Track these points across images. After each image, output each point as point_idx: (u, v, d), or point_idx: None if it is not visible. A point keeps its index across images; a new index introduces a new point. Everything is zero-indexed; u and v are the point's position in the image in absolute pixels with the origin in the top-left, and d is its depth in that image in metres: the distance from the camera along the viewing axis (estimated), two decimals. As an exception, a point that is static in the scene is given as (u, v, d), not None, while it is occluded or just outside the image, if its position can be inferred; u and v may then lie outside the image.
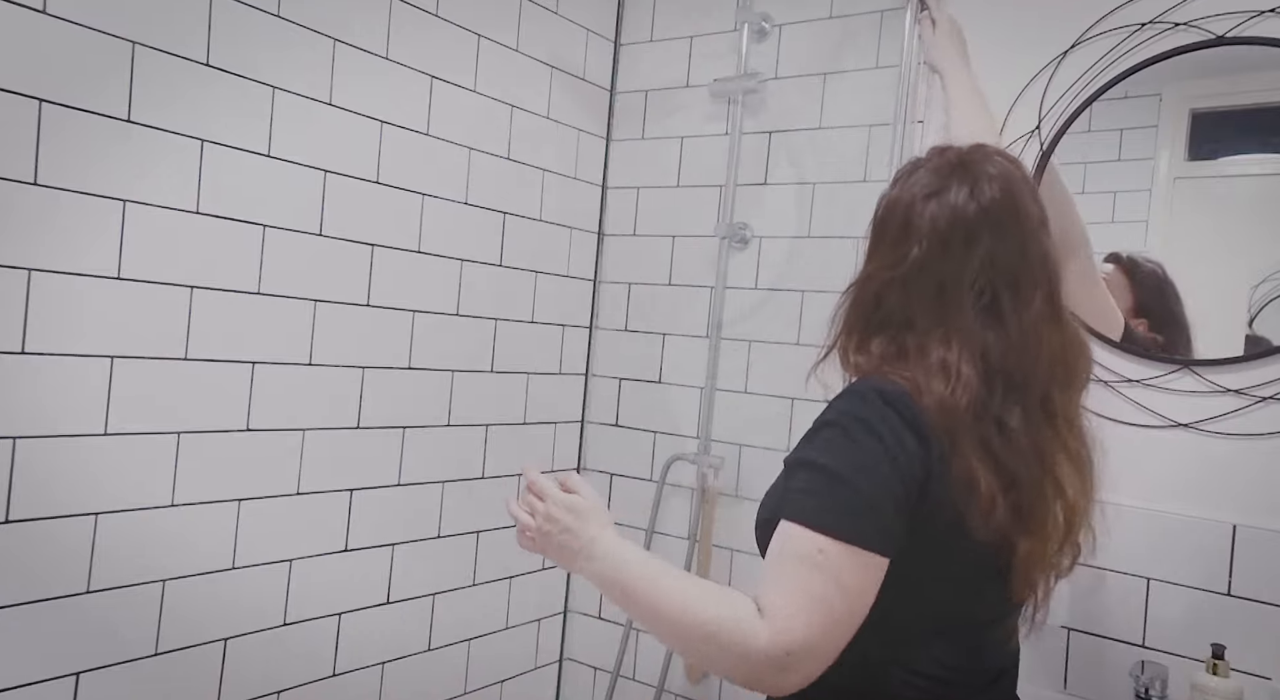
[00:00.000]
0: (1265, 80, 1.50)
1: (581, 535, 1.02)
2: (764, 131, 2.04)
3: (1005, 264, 0.95)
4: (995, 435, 0.92)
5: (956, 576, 0.97)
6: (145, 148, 1.40)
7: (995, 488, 0.91)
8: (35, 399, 1.31)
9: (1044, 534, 0.95)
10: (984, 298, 0.95)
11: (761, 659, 0.85)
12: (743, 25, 2.02)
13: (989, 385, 0.93)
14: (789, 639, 0.84)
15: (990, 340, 0.94)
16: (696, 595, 0.91)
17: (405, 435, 1.83)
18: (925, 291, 0.96)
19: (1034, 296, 0.96)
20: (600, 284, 2.29)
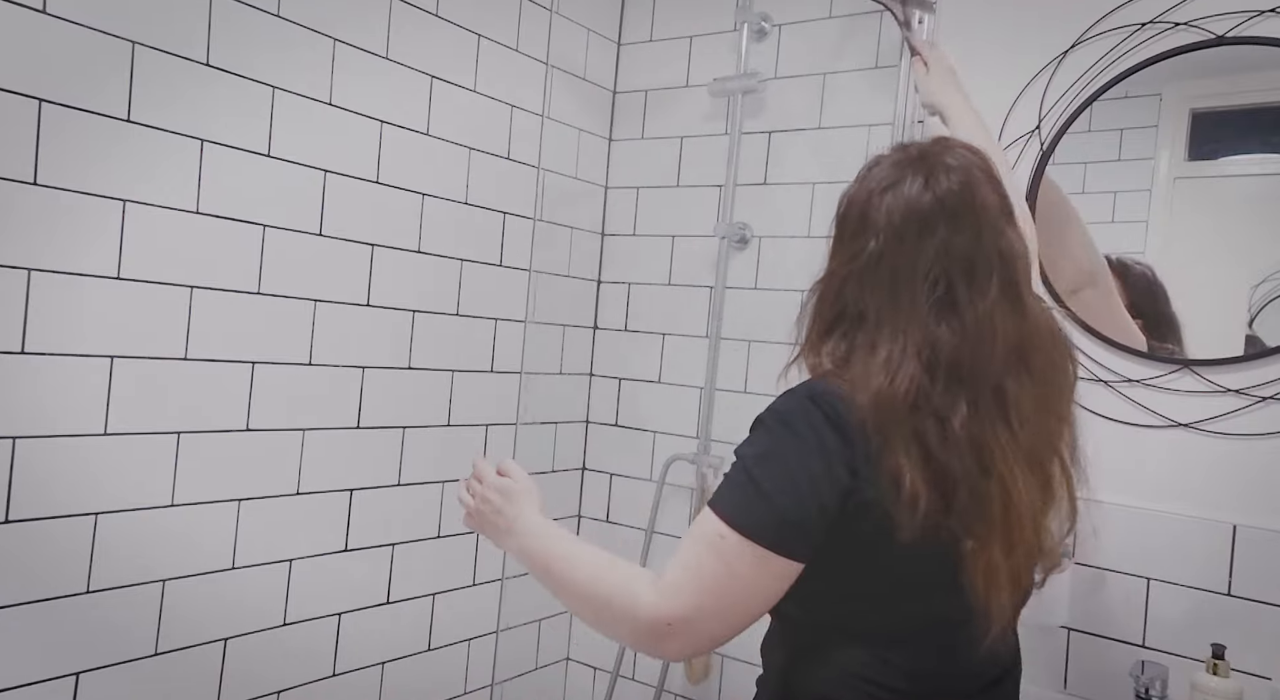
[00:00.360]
0: (1265, 80, 1.50)
1: (508, 514, 1.10)
2: (764, 131, 2.04)
3: (960, 253, 0.94)
4: (932, 430, 0.90)
5: (898, 580, 0.94)
6: (145, 148, 1.40)
7: (921, 485, 0.88)
8: (35, 399, 1.31)
9: (988, 535, 0.91)
10: (939, 289, 0.93)
11: (645, 625, 0.92)
12: (742, 25, 2.02)
13: (932, 377, 0.91)
14: (670, 609, 0.90)
15: (942, 333, 0.92)
16: (602, 566, 0.98)
17: (405, 435, 1.83)
18: (880, 284, 0.95)
19: (989, 285, 0.94)
20: (600, 284, 2.29)
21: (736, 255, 2.06)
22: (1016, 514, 0.91)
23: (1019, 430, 0.92)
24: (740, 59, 2.02)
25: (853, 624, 0.97)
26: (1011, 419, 0.92)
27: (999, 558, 0.91)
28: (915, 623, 0.96)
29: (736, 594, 0.91)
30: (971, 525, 0.90)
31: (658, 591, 0.92)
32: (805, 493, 0.90)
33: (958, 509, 0.90)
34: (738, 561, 0.90)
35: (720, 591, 0.90)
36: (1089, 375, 1.63)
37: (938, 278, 0.93)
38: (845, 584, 0.95)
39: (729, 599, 0.91)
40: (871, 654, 0.96)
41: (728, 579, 0.90)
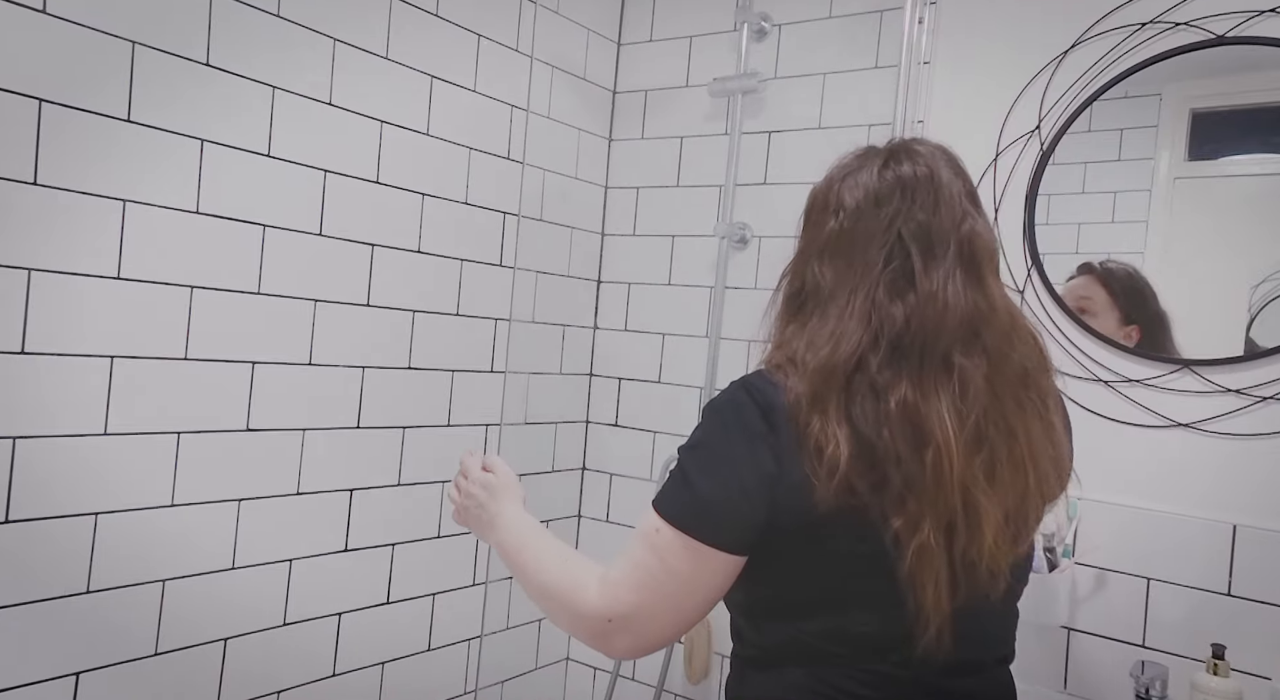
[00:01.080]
0: (1265, 80, 1.50)
1: (489, 508, 1.13)
2: (763, 131, 2.04)
3: (918, 225, 0.93)
4: (867, 402, 0.88)
5: (837, 577, 0.92)
6: (145, 148, 1.40)
7: (844, 452, 0.86)
8: (35, 399, 1.31)
9: (919, 511, 0.86)
10: (894, 260, 0.92)
11: (588, 621, 0.94)
12: (742, 25, 2.02)
13: (876, 346, 0.89)
14: (611, 606, 0.92)
15: (894, 305, 0.91)
16: (558, 561, 1.01)
17: (405, 435, 1.83)
18: (838, 257, 0.95)
19: (946, 258, 0.92)
20: (600, 284, 2.29)
21: (736, 255, 2.06)
22: (948, 487, 0.86)
23: (965, 405, 0.89)
24: (740, 59, 2.02)
25: (797, 632, 0.94)
26: (957, 393, 0.89)
27: (930, 538, 0.87)
28: (863, 627, 0.92)
29: (674, 589, 0.91)
30: (903, 502, 0.87)
31: (600, 589, 0.94)
32: (729, 481, 0.90)
33: (890, 489, 0.87)
34: (672, 555, 0.91)
35: (657, 587, 0.91)
36: (1089, 375, 1.63)
37: (894, 248, 0.93)
38: (785, 586, 0.93)
39: (667, 594, 0.91)
40: (814, 668, 0.93)
41: (664, 574, 0.91)
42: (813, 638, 0.92)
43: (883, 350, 0.90)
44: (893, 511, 0.87)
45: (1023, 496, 0.92)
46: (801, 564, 0.92)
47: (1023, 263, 1.70)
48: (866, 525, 0.88)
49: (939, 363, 0.90)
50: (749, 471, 0.89)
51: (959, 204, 0.95)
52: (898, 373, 0.89)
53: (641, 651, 0.95)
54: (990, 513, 0.89)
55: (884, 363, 0.89)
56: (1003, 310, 0.95)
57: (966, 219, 0.95)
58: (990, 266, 0.96)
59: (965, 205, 0.96)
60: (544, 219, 2.11)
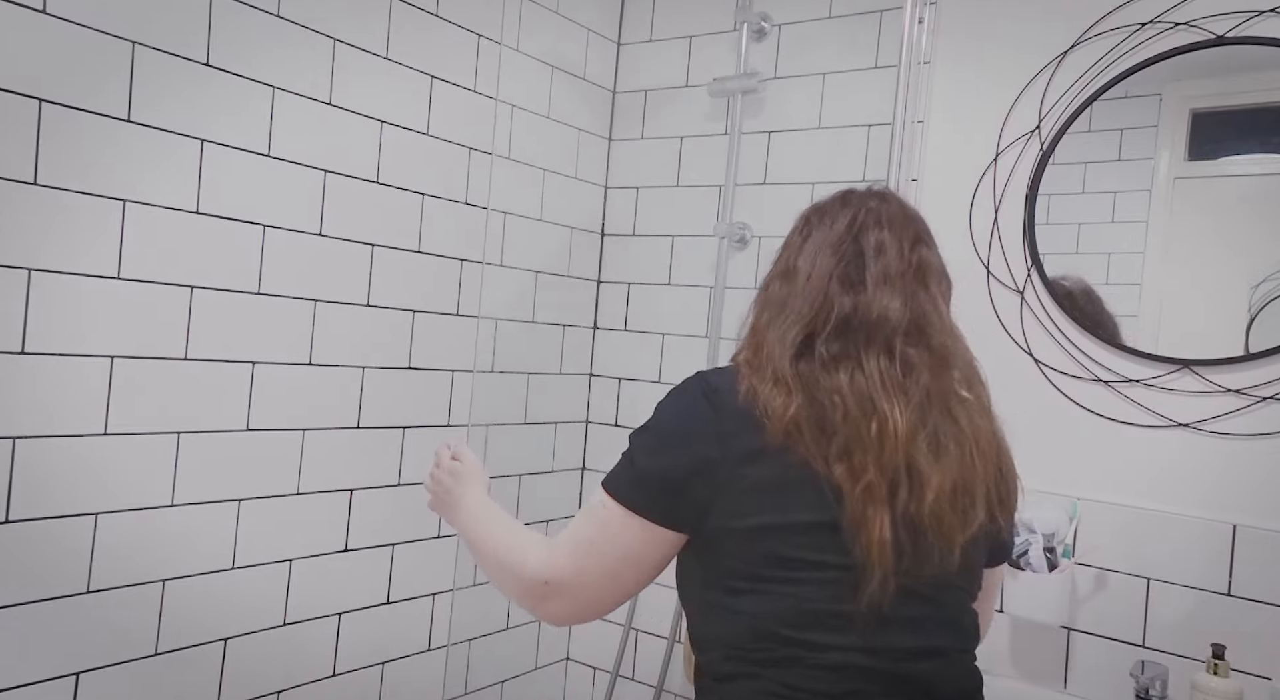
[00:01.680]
0: (1265, 80, 1.50)
1: (454, 493, 1.20)
2: (763, 131, 2.04)
3: (873, 238, 1.02)
4: (815, 368, 0.96)
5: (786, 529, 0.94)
6: (145, 148, 1.40)
7: (795, 402, 0.93)
8: (35, 399, 1.31)
9: (860, 463, 0.92)
10: (849, 258, 1.02)
11: (527, 582, 1.01)
12: (742, 25, 2.02)
13: (825, 324, 0.98)
14: (550, 569, 0.99)
15: (845, 297, 1.00)
16: (508, 530, 1.08)
17: (405, 435, 1.83)
18: (801, 261, 1.05)
19: (897, 263, 1.01)
20: (600, 284, 2.29)
21: (736, 255, 2.06)
22: (891, 450, 0.92)
23: (908, 385, 0.96)
24: (740, 59, 2.02)
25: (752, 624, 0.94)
26: (899, 374, 0.96)
27: (877, 486, 0.91)
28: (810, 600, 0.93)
29: (610, 557, 0.98)
30: (848, 454, 0.93)
31: (542, 554, 1.01)
32: (671, 461, 0.97)
33: (835, 442, 0.93)
34: (611, 525, 0.98)
35: (595, 554, 0.98)
36: (1089, 375, 1.63)
37: (849, 249, 1.02)
38: (733, 563, 0.96)
39: (604, 561, 0.98)
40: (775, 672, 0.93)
41: (602, 542, 0.98)
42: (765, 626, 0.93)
43: (831, 327, 0.98)
44: (835, 460, 0.93)
45: (969, 477, 0.96)
46: (746, 533, 0.95)
47: (1023, 263, 1.70)
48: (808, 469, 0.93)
49: (882, 346, 0.97)
50: (689, 453, 0.96)
51: (914, 230, 1.06)
52: (845, 348, 0.97)
53: (573, 618, 1.02)
54: (932, 477, 0.93)
55: (831, 337, 0.98)
56: (951, 330, 1.03)
57: (919, 245, 1.05)
58: (940, 289, 1.05)
59: (921, 233, 1.07)
60: (544, 219, 2.11)
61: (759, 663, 0.94)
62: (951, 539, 0.94)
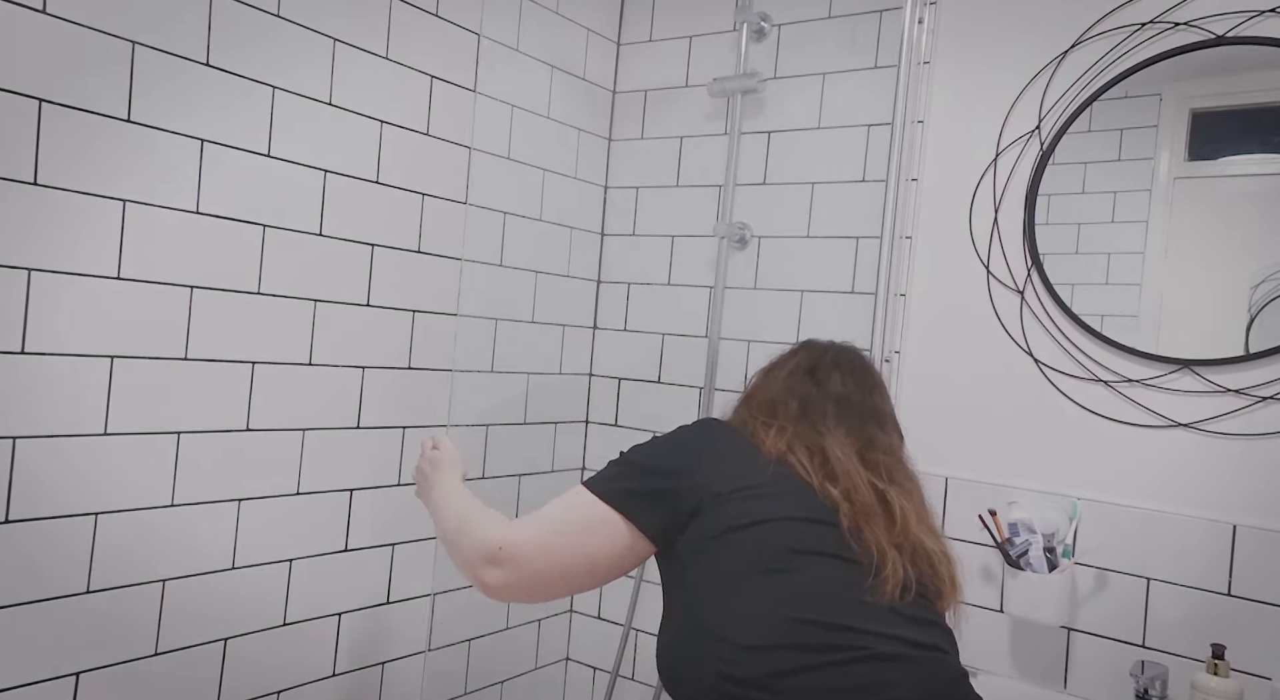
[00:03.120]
0: (1265, 80, 1.50)
1: (431, 478, 1.28)
2: (763, 131, 2.04)
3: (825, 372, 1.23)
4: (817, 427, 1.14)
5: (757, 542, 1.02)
6: (145, 148, 1.40)
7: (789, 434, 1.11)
8: (35, 399, 1.31)
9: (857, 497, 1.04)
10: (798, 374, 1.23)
11: (479, 544, 1.04)
12: (742, 25, 2.02)
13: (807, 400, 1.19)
14: (507, 535, 1.03)
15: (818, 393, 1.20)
16: (475, 506, 1.15)
17: (405, 435, 1.83)
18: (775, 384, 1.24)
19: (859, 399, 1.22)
20: (600, 284, 2.29)
21: (736, 255, 2.06)
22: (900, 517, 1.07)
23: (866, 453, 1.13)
24: (740, 59, 2.02)
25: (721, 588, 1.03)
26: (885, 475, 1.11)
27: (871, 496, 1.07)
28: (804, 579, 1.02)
29: (570, 539, 1.03)
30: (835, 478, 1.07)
31: (503, 523, 1.06)
32: (662, 462, 1.06)
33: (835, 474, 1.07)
34: (578, 508, 1.04)
35: (558, 531, 1.03)
36: (1089, 375, 1.63)
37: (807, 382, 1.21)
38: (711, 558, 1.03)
39: (562, 541, 1.03)
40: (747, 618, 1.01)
41: (564, 523, 1.04)
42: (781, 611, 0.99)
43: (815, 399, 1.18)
44: (827, 481, 1.05)
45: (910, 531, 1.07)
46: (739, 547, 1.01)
47: (1023, 263, 1.70)
48: (801, 480, 1.05)
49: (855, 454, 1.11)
50: (686, 459, 1.07)
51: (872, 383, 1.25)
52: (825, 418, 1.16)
53: (514, 593, 1.05)
54: (909, 511, 1.08)
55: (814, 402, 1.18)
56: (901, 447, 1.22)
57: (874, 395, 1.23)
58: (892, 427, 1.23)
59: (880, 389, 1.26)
60: (543, 219, 2.11)
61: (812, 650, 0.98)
62: (942, 578, 1.06)
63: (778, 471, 1.05)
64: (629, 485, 1.05)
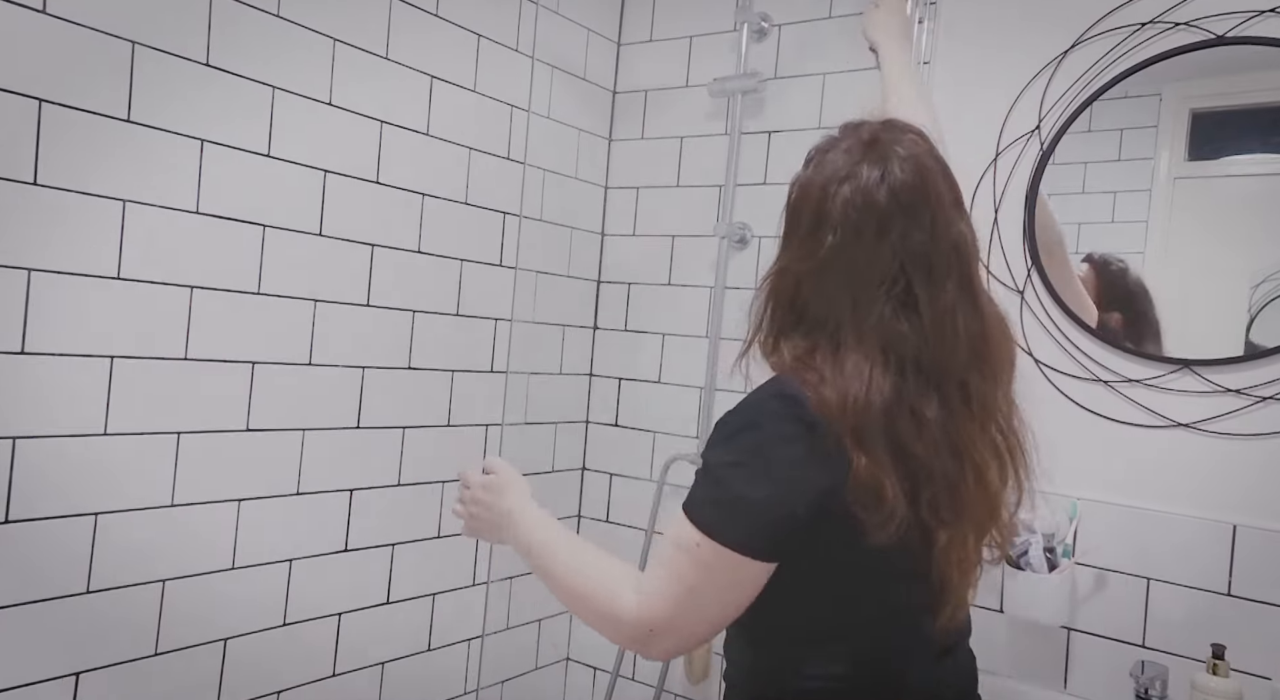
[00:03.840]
0: (1265, 80, 1.50)
1: (498, 508, 1.12)
2: (764, 131, 2.04)
3: (918, 250, 0.93)
4: (908, 429, 0.90)
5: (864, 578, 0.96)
6: (145, 148, 1.40)
7: (898, 490, 0.88)
8: (35, 399, 1.31)
9: (961, 525, 0.94)
10: (898, 286, 0.92)
11: (628, 629, 0.94)
12: (742, 25, 2.02)
13: (903, 377, 0.91)
14: (651, 615, 0.93)
15: (905, 331, 0.91)
16: (586, 563, 1.01)
17: (405, 435, 1.83)
18: (839, 284, 0.94)
19: (947, 282, 0.93)
20: (600, 284, 2.29)
21: (736, 255, 2.06)
22: (990, 502, 0.95)
23: (984, 421, 0.95)
24: (740, 59, 2.02)
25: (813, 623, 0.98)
26: (976, 412, 0.95)
27: (973, 547, 0.96)
28: (877, 615, 0.98)
29: (713, 597, 0.92)
30: (944, 516, 0.92)
31: (638, 595, 0.94)
32: (777, 497, 0.89)
33: (931, 503, 0.91)
34: (713, 567, 0.90)
35: (697, 595, 0.92)
36: (1089, 375, 1.63)
37: (896, 276, 0.92)
38: (809, 586, 0.95)
39: (706, 602, 0.92)
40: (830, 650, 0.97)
41: (704, 583, 0.91)
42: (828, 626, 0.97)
43: (910, 378, 0.91)
44: (935, 524, 0.92)
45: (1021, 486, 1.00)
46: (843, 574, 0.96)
47: (1023, 263, 1.70)
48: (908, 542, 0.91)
49: (958, 386, 0.94)
50: (798, 488, 0.89)
51: (950, 215, 0.96)
52: (927, 396, 0.92)
53: (683, 651, 0.98)
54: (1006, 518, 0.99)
55: (915, 390, 0.91)
56: (995, 320, 0.99)
57: (955, 229, 0.96)
58: (977, 269, 0.98)
59: (953, 214, 0.96)
60: (544, 219, 2.11)
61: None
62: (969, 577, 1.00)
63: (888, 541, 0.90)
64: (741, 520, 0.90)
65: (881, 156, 0.95)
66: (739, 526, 0.90)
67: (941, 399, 0.92)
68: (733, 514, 0.90)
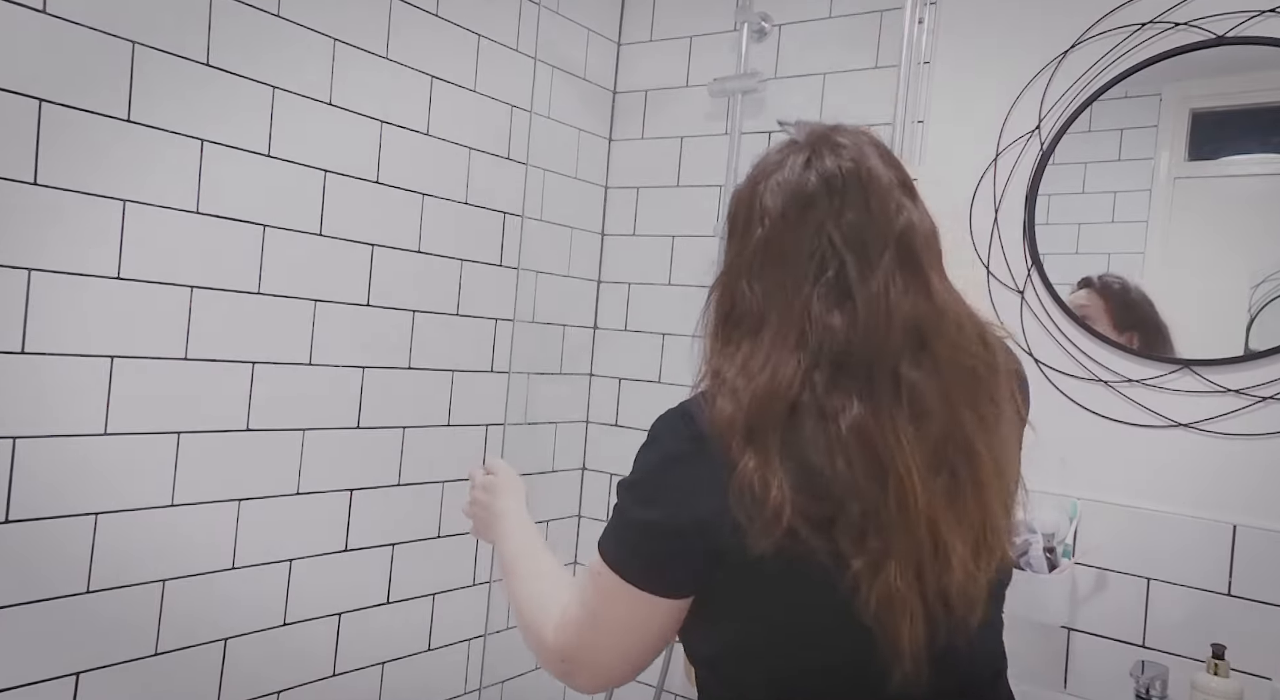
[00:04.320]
0: (1265, 80, 1.50)
1: (493, 507, 1.12)
2: (763, 131, 2.04)
3: (849, 227, 0.84)
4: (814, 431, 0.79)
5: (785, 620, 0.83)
6: (145, 148, 1.40)
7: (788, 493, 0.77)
8: (35, 399, 1.31)
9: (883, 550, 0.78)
10: (828, 271, 0.83)
11: (547, 655, 0.93)
12: (742, 25, 2.02)
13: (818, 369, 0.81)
14: (564, 643, 0.90)
15: (833, 319, 0.82)
16: (535, 588, 0.99)
17: (405, 435, 1.83)
18: (768, 271, 0.86)
19: (882, 260, 0.83)
20: (600, 284, 2.29)
21: (736, 255, 2.05)
22: (913, 521, 0.78)
23: (921, 424, 0.81)
24: (740, 59, 2.02)
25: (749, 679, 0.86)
26: (910, 411, 0.81)
27: (897, 578, 0.78)
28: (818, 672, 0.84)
29: (621, 630, 0.87)
30: (863, 540, 0.78)
31: (556, 627, 0.91)
32: (663, 520, 0.83)
33: (844, 523, 0.78)
34: (615, 598, 0.85)
35: (606, 628, 0.87)
36: (1089, 375, 1.63)
37: (826, 256, 0.84)
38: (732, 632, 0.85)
39: (615, 635, 0.88)
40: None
41: (609, 615, 0.87)
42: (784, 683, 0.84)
43: (826, 370, 0.81)
44: (851, 551, 0.78)
45: (985, 518, 0.84)
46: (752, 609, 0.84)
47: (1023, 263, 1.70)
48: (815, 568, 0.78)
49: (888, 379, 0.81)
50: (685, 513, 0.81)
51: (892, 196, 0.86)
52: (846, 394, 0.80)
53: (602, 687, 0.93)
54: (957, 548, 0.81)
55: (829, 384, 0.80)
56: (949, 311, 0.86)
57: (902, 212, 0.86)
58: (932, 261, 0.88)
59: (899, 197, 0.87)
60: (544, 219, 2.11)
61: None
62: (980, 592, 0.84)
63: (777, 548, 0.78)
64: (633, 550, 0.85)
65: (812, 145, 0.89)
66: (632, 557, 0.85)
67: (867, 397, 0.80)
68: (625, 542, 0.86)
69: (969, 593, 0.82)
